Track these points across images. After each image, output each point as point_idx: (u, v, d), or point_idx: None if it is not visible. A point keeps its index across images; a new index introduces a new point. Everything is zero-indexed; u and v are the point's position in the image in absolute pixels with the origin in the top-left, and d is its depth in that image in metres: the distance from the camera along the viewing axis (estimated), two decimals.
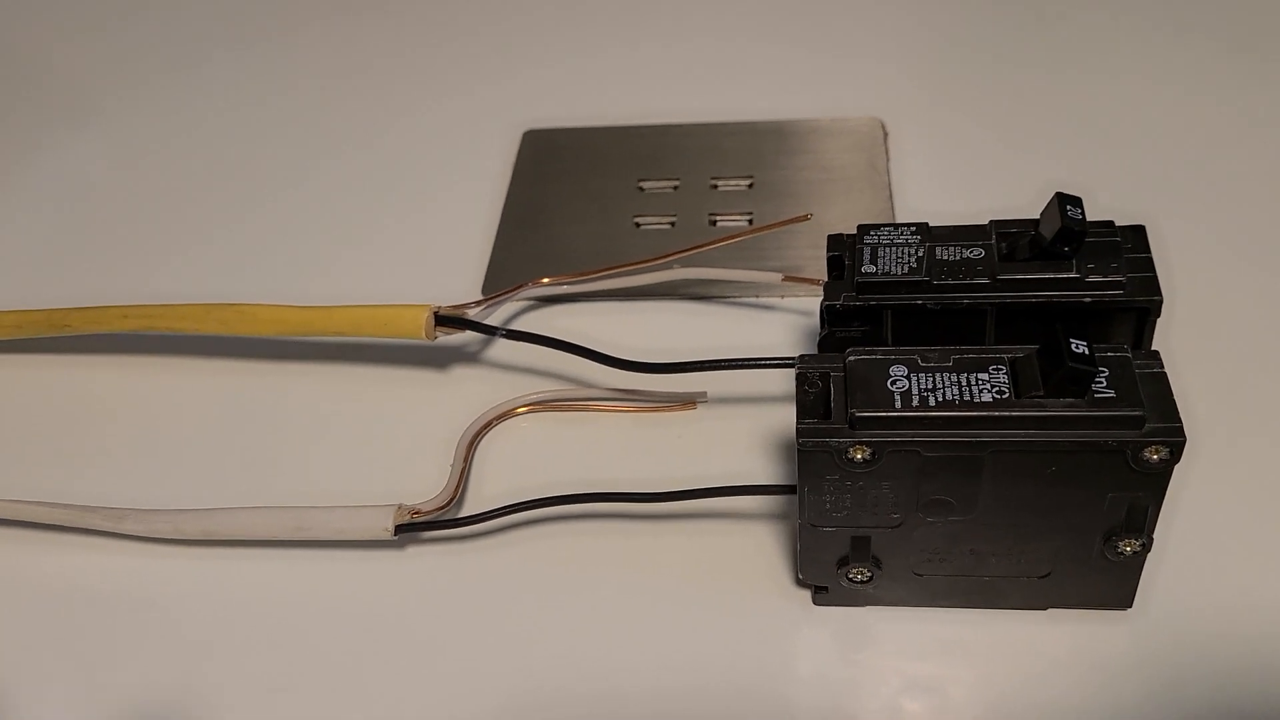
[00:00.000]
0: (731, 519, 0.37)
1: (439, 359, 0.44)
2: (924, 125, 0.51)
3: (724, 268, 0.43)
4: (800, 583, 0.35)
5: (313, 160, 0.54)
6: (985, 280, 0.32)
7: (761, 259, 0.45)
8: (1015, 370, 0.30)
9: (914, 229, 0.34)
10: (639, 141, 0.53)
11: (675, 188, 0.50)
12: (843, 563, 0.33)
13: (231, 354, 0.45)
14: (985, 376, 0.30)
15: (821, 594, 0.34)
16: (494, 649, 0.35)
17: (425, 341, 0.40)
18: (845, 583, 0.33)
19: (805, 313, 0.44)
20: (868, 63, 0.56)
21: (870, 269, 0.33)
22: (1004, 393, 0.29)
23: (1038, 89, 0.53)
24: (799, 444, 0.30)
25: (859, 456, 0.30)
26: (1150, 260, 0.33)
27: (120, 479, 0.41)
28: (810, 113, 0.53)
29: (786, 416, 0.40)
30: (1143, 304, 0.32)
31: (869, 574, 0.33)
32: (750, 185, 0.50)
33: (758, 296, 0.45)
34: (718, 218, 0.48)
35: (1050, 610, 0.34)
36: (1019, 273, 0.32)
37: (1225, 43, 0.54)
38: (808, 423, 0.30)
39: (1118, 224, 0.33)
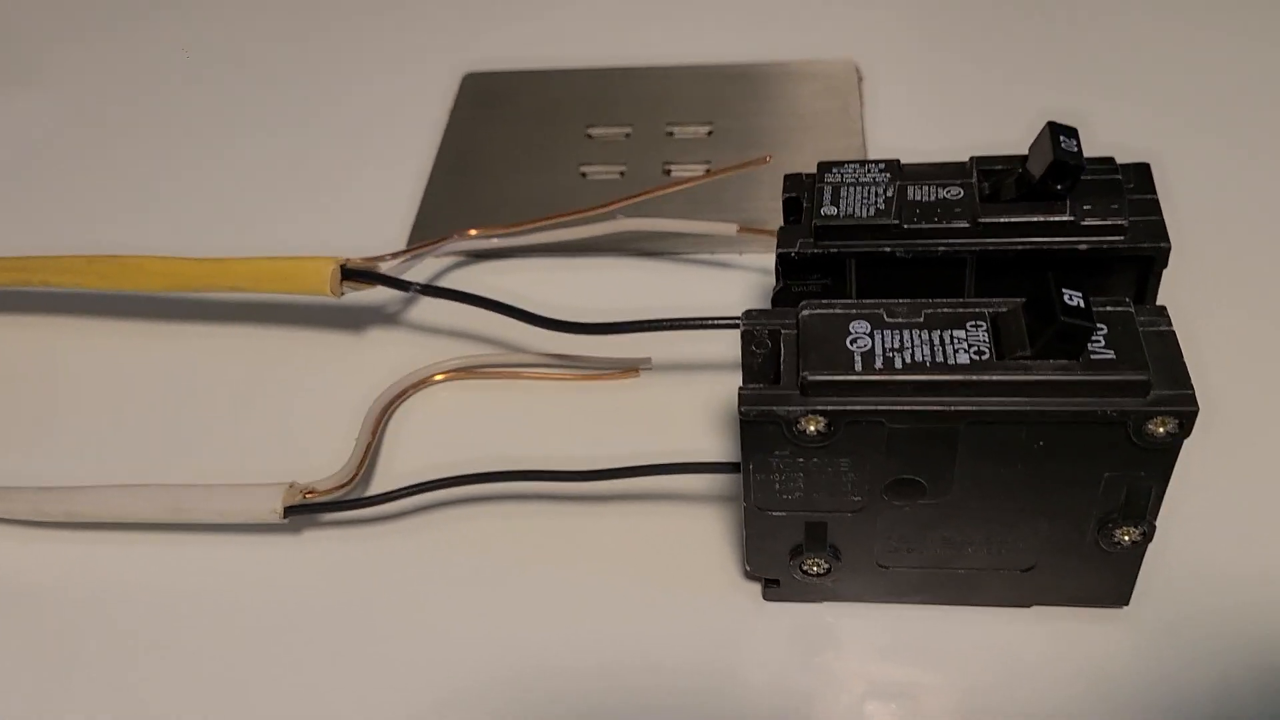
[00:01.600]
0: (674, 500, 0.33)
1: (351, 320, 0.39)
2: (902, 68, 0.47)
3: (674, 219, 0.38)
4: (749, 575, 0.30)
5: (236, 106, 0.49)
6: (964, 224, 0.28)
7: (719, 211, 0.41)
8: (998, 327, 0.25)
9: (882, 166, 0.29)
10: (588, 85, 0.48)
11: (627, 135, 0.45)
12: (796, 552, 0.28)
13: (118, 312, 0.40)
14: (962, 334, 0.25)
15: (773, 588, 0.30)
16: (398, 647, 0.30)
17: (332, 299, 0.35)
18: (799, 575, 0.29)
19: (766, 270, 0.39)
20: (840, 0, 0.51)
21: (831, 211, 0.28)
22: (984, 353, 0.25)
23: (1026, 27, 0.48)
24: (740, 413, 0.25)
25: (812, 429, 0.25)
26: (1156, 202, 0.28)
27: None
28: (777, 55, 0.48)
29: (732, 385, 0.35)
30: (1147, 251, 0.27)
31: (826, 565, 0.29)
32: (709, 133, 0.45)
33: (714, 253, 0.40)
34: (672, 167, 0.44)
35: (1035, 608, 0.29)
36: (1004, 215, 0.28)
37: None
38: (752, 388, 0.25)
39: (1119, 161, 0.29)
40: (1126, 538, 0.27)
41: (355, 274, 0.35)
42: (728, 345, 0.36)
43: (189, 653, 0.31)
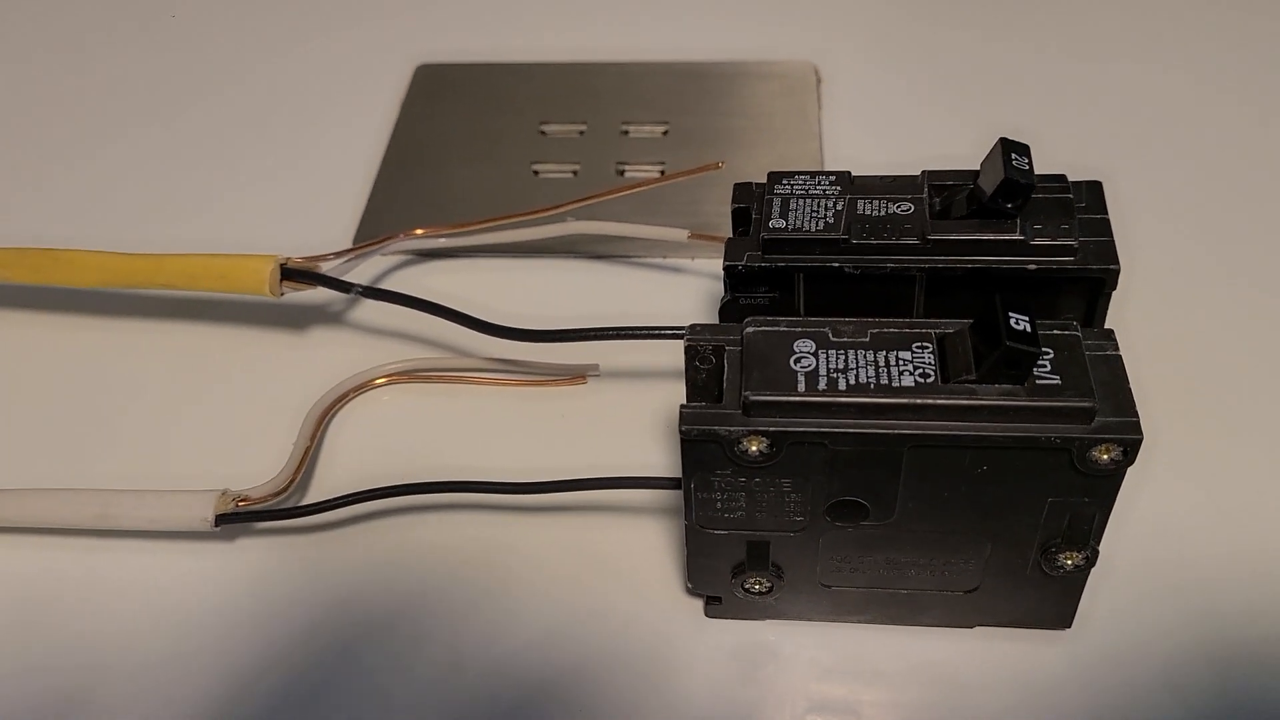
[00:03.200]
0: (616, 513, 0.32)
1: (291, 320, 0.38)
2: (861, 72, 0.46)
3: (625, 223, 0.37)
4: (691, 591, 0.30)
5: (177, 94, 0.48)
6: (914, 240, 0.27)
7: (672, 214, 0.40)
8: (944, 349, 0.25)
9: (833, 178, 0.29)
10: (543, 80, 0.47)
11: (581, 133, 0.44)
12: (738, 571, 0.28)
13: (48, 308, 0.39)
14: (908, 356, 0.24)
15: (715, 605, 0.29)
16: (331, 661, 0.29)
17: (271, 299, 0.34)
18: (741, 593, 0.28)
19: (717, 276, 0.38)
20: (800, 0, 0.50)
21: (779, 224, 0.28)
22: (929, 376, 0.24)
23: (988, 34, 0.48)
24: (681, 432, 0.25)
25: (754, 449, 0.24)
26: (1107, 222, 0.28)
27: None
28: (735, 54, 0.47)
29: (681, 396, 0.35)
30: (1097, 273, 0.27)
31: (768, 584, 0.28)
32: (665, 132, 0.44)
33: (665, 257, 0.39)
34: (626, 167, 0.43)
35: (977, 629, 0.29)
36: (953, 232, 0.27)
37: None
38: (694, 407, 0.25)
39: (1071, 179, 0.28)
40: (1069, 562, 0.26)
41: (295, 274, 0.34)
42: (673, 355, 0.36)
43: (113, 664, 0.30)
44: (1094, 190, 0.29)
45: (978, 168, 0.28)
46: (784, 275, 0.28)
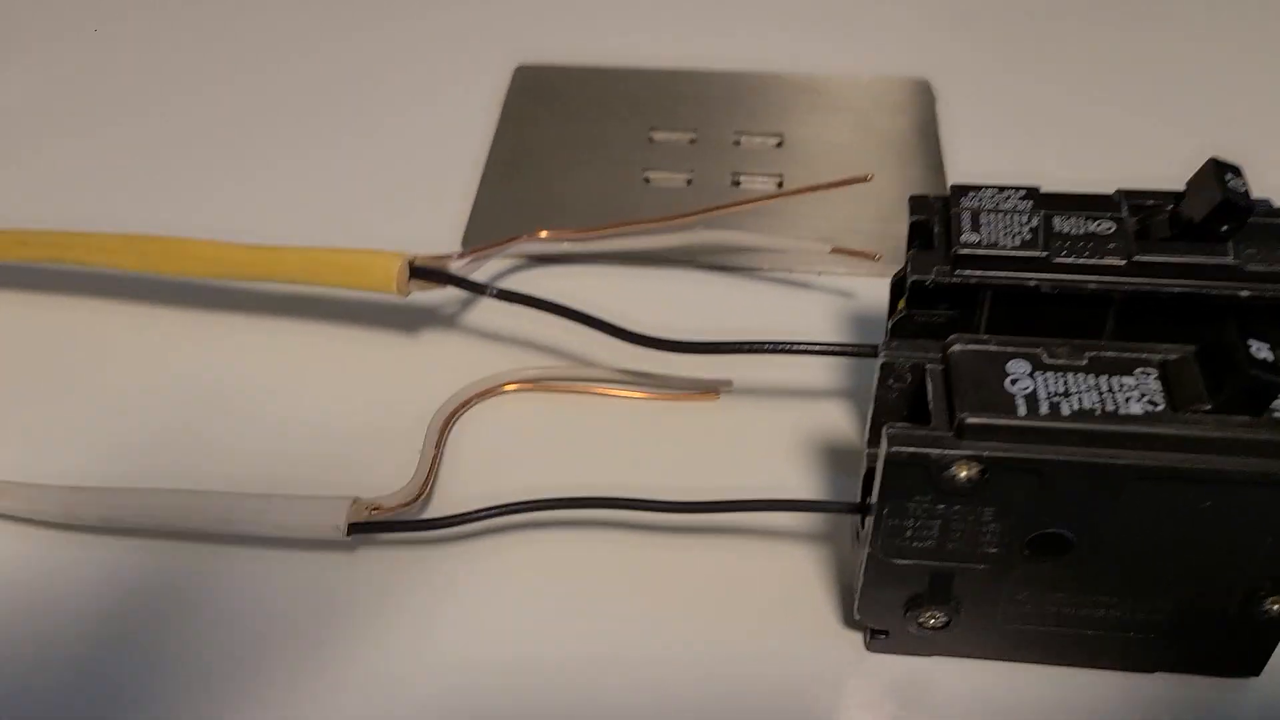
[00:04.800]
0: (763, 537, 0.30)
1: (409, 321, 0.36)
2: (978, 92, 0.45)
3: (759, 233, 0.36)
4: (854, 621, 0.28)
5: (274, 90, 0.46)
6: (1119, 261, 0.26)
7: (789, 227, 0.39)
8: (1167, 376, 0.23)
9: (1023, 193, 0.27)
10: (649, 86, 0.45)
11: (692, 141, 0.43)
12: (914, 604, 0.26)
13: (156, 299, 0.37)
14: (1131, 382, 0.23)
15: (879, 639, 0.28)
16: (460, 684, 0.28)
17: (395, 298, 0.33)
18: (914, 628, 0.27)
19: (844, 294, 0.37)
20: (911, 17, 0.49)
21: (973, 238, 0.26)
22: (1157, 404, 0.23)
23: (1111, 49, 0.46)
24: (890, 453, 0.23)
25: (963, 475, 0.23)
26: None
27: (5, 446, 0.33)
28: (847, 69, 0.46)
29: (824, 417, 0.33)
30: None
31: (945, 619, 0.26)
32: (779, 144, 0.43)
33: (790, 271, 0.38)
34: (742, 177, 0.41)
35: (1157, 674, 0.28)
36: (1161, 254, 0.26)
37: None
38: (900, 427, 0.23)
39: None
40: (1276, 607, 0.25)
41: (424, 272, 0.32)
42: (811, 373, 0.34)
43: (226, 674, 0.28)
44: None
45: (1172, 189, 0.27)
46: (970, 293, 0.27)
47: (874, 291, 0.37)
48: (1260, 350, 0.22)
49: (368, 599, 0.29)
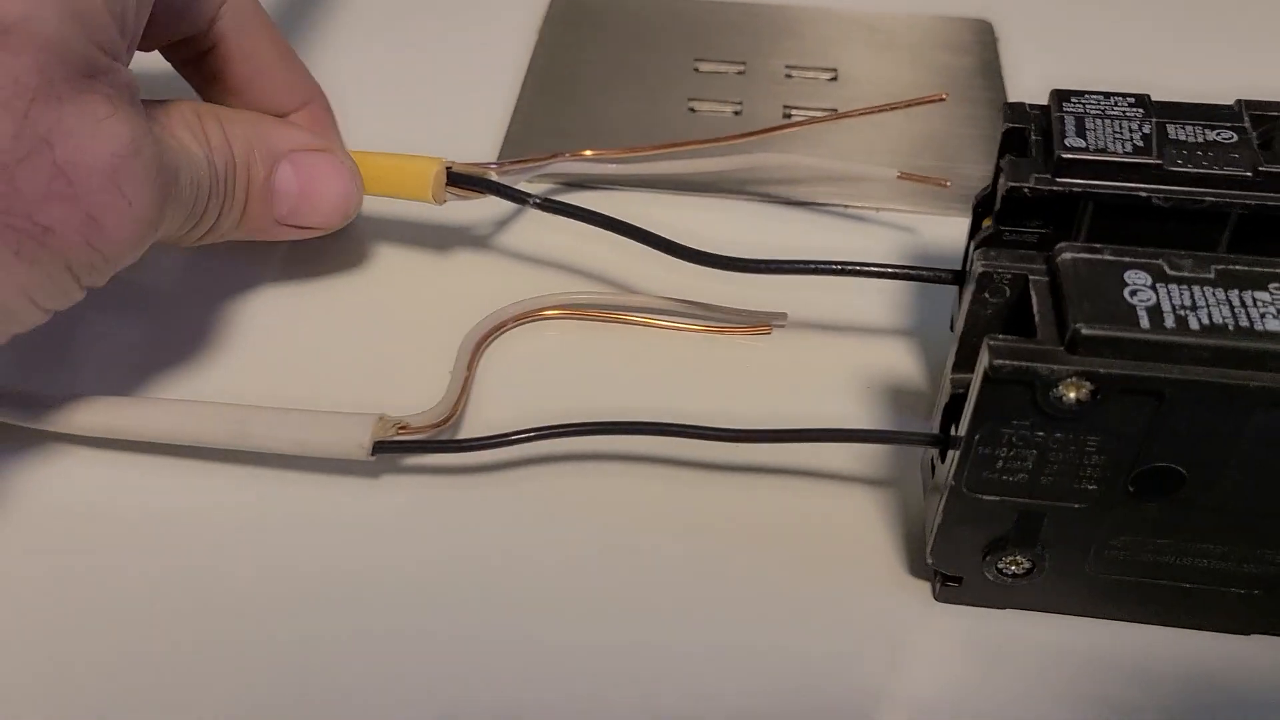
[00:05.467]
0: (822, 479, 0.28)
1: (443, 235, 0.34)
2: (1043, 35, 0.42)
3: (824, 158, 0.33)
4: (920, 570, 0.26)
5: (312, 4, 0.44)
6: (1245, 172, 0.23)
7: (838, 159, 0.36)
8: None
9: (1132, 99, 0.25)
10: (694, 16, 0.43)
11: (740, 72, 0.40)
12: (995, 547, 0.24)
13: None
14: (1266, 297, 0.21)
15: (951, 587, 0.25)
16: (492, 621, 0.25)
17: (431, 204, 0.30)
18: (992, 574, 0.24)
19: (906, 229, 0.35)
20: None
21: (1078, 142, 0.24)
22: None
23: None
24: (991, 367, 0.20)
25: (1073, 395, 0.20)
26: None
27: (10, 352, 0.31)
28: (901, 7, 0.43)
29: (887, 355, 0.31)
30: None
31: (1028, 565, 0.24)
32: (832, 79, 0.40)
33: (847, 206, 0.35)
34: (794, 110, 0.39)
35: (1255, 636, 0.25)
36: None
37: None
38: (1003, 339, 0.21)
39: None
40: None
41: (463, 179, 0.30)
42: (874, 305, 0.32)
43: (238, 605, 0.25)
44: None
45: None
46: (1069, 205, 0.24)
47: (939, 229, 0.34)
48: None
49: (392, 527, 0.27)
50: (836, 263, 0.27)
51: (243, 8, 0.29)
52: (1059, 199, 0.24)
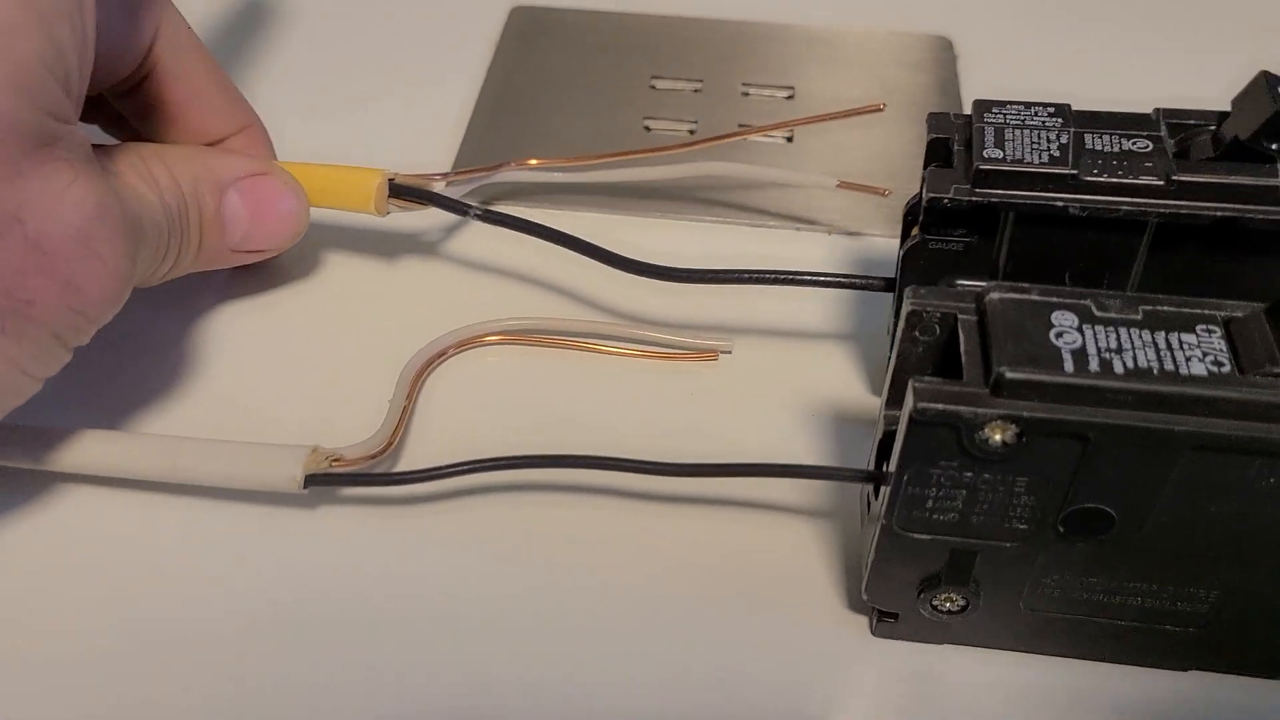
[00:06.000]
0: (761, 509, 0.28)
1: (388, 251, 0.34)
2: (1002, 53, 0.42)
3: (764, 166, 0.33)
4: (859, 603, 0.25)
5: (267, 15, 0.43)
6: (1157, 180, 0.23)
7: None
8: (1232, 335, 0.21)
9: (1052, 109, 0.25)
10: (652, 32, 0.43)
11: (697, 90, 0.40)
12: (929, 584, 0.24)
13: None
14: (1192, 340, 0.20)
15: (887, 623, 0.25)
16: (428, 654, 0.25)
17: (373, 217, 0.30)
18: (927, 611, 0.24)
19: (851, 245, 0.34)
20: None
21: (996, 154, 0.24)
22: (1223, 365, 0.20)
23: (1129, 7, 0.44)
24: (916, 411, 0.20)
25: (998, 438, 0.20)
26: None
27: None
28: (861, 23, 0.43)
29: (832, 379, 0.31)
30: None
31: (963, 602, 0.24)
32: (789, 97, 0.40)
33: (798, 229, 0.35)
34: (748, 134, 0.38)
35: (1193, 673, 0.25)
36: (1203, 174, 0.23)
37: None
38: (929, 381, 0.21)
39: None
40: None
41: (406, 191, 0.30)
42: (819, 326, 0.32)
43: (170, 637, 0.25)
44: None
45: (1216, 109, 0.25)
46: (991, 214, 0.25)
47: (886, 251, 0.34)
48: None
49: (326, 559, 0.27)
50: (771, 272, 0.27)
51: (177, 36, 0.28)
52: (979, 209, 0.24)
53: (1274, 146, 0.23)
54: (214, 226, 0.29)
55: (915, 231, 0.26)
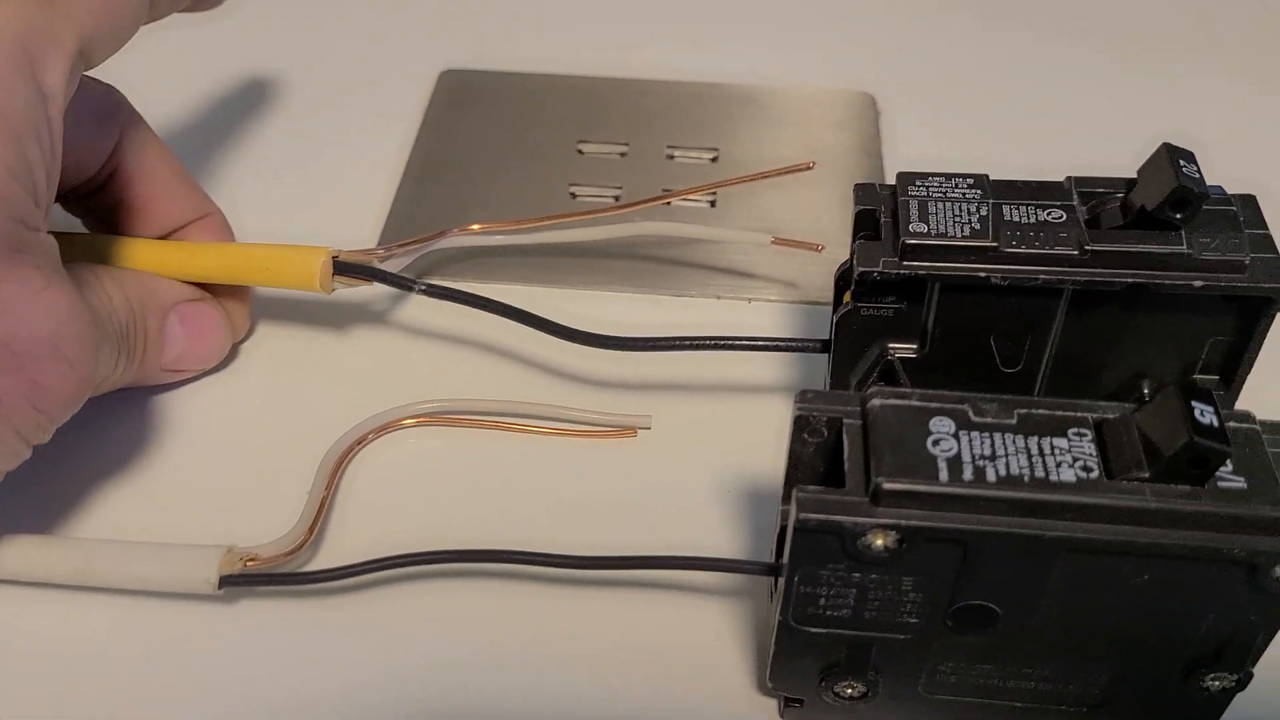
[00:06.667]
0: (677, 592, 0.28)
1: (325, 323, 0.34)
2: (922, 104, 0.43)
3: (700, 225, 0.35)
4: (767, 688, 0.26)
5: (194, 89, 0.43)
6: (1071, 251, 0.25)
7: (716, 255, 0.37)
8: (1104, 438, 0.21)
9: (971, 181, 0.26)
10: (580, 94, 0.43)
11: (623, 154, 0.41)
12: (830, 673, 0.24)
13: None
14: (1064, 444, 0.21)
15: (794, 708, 0.26)
16: None
17: (315, 297, 0.31)
18: (830, 698, 0.25)
19: (784, 313, 0.35)
20: (855, 29, 0.47)
21: (920, 228, 0.25)
22: (1091, 470, 0.21)
23: (1043, 62, 0.45)
24: (798, 520, 0.21)
25: (880, 543, 0.21)
26: (1270, 239, 0.26)
27: None
28: (786, 81, 0.44)
29: (754, 453, 0.31)
30: (1267, 291, 0.25)
31: (863, 689, 0.24)
32: (714, 159, 0.40)
33: (719, 298, 0.35)
34: (674, 199, 0.39)
35: None
36: (1114, 243, 0.25)
37: None
38: (810, 491, 0.21)
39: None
40: (1217, 684, 0.23)
41: (350, 268, 0.30)
42: (745, 407, 0.32)
43: None
44: (1249, 204, 0.26)
45: (1124, 176, 0.26)
46: (918, 284, 0.26)
47: (818, 319, 0.35)
48: (1204, 414, 0.20)
49: (245, 656, 0.27)
50: (709, 338, 0.29)
51: (139, 136, 0.30)
52: (907, 280, 0.26)
53: (1178, 216, 0.25)
54: (155, 345, 0.30)
55: (847, 298, 0.27)
